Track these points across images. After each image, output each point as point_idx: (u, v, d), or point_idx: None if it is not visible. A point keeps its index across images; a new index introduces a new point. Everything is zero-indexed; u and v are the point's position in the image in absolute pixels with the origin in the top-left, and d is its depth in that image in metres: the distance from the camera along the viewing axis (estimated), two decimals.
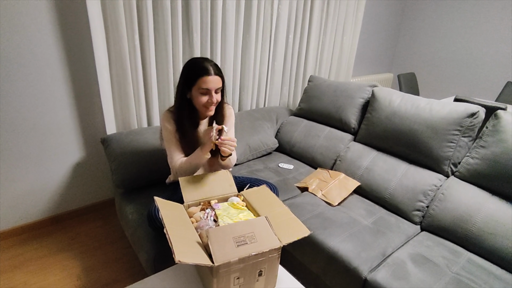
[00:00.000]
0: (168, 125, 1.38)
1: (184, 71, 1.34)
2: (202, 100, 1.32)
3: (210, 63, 1.30)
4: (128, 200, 1.61)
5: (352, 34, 3.08)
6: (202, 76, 1.27)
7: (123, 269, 1.68)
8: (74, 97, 1.80)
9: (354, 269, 1.24)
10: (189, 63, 1.34)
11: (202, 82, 1.28)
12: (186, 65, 1.34)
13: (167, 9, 1.79)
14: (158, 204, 1.04)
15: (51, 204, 1.94)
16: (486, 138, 1.46)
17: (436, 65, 3.84)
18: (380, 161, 1.75)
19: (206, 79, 1.27)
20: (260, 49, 2.38)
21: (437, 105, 1.61)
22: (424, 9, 3.78)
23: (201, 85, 1.28)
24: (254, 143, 2.11)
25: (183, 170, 1.34)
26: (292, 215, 1.08)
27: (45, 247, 1.79)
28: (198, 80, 1.28)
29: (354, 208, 1.60)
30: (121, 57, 1.74)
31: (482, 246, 1.31)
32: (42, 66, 1.65)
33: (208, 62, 1.31)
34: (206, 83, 1.28)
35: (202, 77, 1.27)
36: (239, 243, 0.91)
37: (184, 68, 1.34)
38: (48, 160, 1.83)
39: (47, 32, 1.61)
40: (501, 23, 3.24)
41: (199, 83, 1.28)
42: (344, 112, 2.03)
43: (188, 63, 1.34)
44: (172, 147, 1.39)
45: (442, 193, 1.50)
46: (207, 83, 1.28)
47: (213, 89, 1.30)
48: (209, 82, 1.28)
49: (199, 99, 1.32)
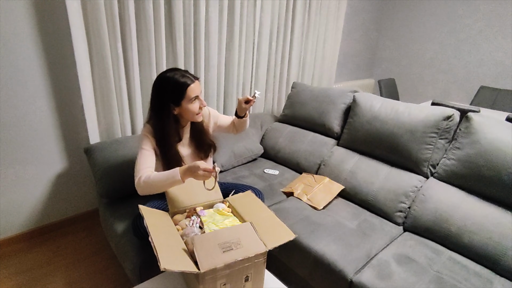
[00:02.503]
0: (149, 136, 1.32)
1: (166, 90, 1.27)
2: (195, 107, 1.32)
3: (184, 72, 1.30)
4: (113, 210, 1.58)
5: (334, 41, 3.15)
6: (188, 85, 1.27)
7: (109, 280, 1.64)
8: (56, 106, 1.77)
9: (340, 271, 1.26)
10: (167, 81, 1.27)
11: (190, 91, 1.28)
12: (162, 84, 1.28)
13: (149, 17, 1.79)
14: (143, 212, 1.03)
15: (32, 217, 1.88)
16: (460, 139, 1.53)
17: (414, 71, 3.97)
18: (363, 164, 1.79)
19: (192, 88, 1.28)
20: (243, 57, 2.41)
21: (415, 109, 1.67)
22: (402, 17, 3.92)
23: (190, 95, 1.28)
24: (239, 149, 2.12)
25: (149, 183, 1.20)
26: (277, 220, 1.09)
27: (25, 262, 1.73)
28: (187, 92, 1.27)
29: (339, 211, 1.63)
30: (103, 65, 1.72)
31: (461, 244, 1.35)
32: (23, 75, 1.62)
33: (180, 71, 1.29)
34: (194, 91, 1.29)
35: (188, 87, 1.27)
36: (224, 249, 0.91)
37: (161, 86, 1.28)
38: (29, 170, 1.78)
39: (27, 41, 1.59)
40: (476, 31, 3.39)
41: (188, 94, 1.28)
42: (327, 118, 2.07)
43: (166, 81, 1.27)
44: (143, 155, 1.29)
45: (423, 194, 1.54)
46: (195, 90, 1.29)
47: (199, 93, 1.32)
48: (195, 88, 1.29)
49: (192, 108, 1.31)
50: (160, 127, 1.32)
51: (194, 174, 1.13)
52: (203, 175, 1.12)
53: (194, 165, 1.13)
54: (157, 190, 1.20)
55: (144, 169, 1.25)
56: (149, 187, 1.20)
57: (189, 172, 1.14)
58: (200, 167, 1.11)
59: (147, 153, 1.30)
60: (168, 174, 1.17)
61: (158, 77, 1.30)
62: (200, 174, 1.11)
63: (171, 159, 1.35)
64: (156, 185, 1.18)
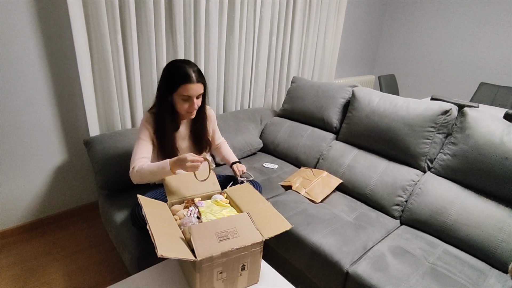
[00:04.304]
0: (147, 126, 1.35)
1: (165, 75, 1.29)
2: (183, 106, 1.31)
3: (193, 69, 1.27)
4: (112, 201, 1.60)
5: (334, 37, 3.15)
6: (185, 83, 1.25)
7: (107, 271, 1.66)
8: (56, 98, 1.78)
9: (336, 262, 1.27)
10: (171, 67, 1.29)
11: (184, 89, 1.25)
12: (167, 69, 1.29)
13: (150, 9, 1.79)
14: (141, 202, 1.04)
15: (32, 208, 1.90)
16: (455, 134, 1.53)
17: (414, 67, 3.97)
18: (361, 158, 1.80)
19: (188, 87, 1.25)
20: (243, 51, 2.41)
21: (413, 104, 1.67)
22: (404, 13, 3.91)
23: (182, 92, 1.26)
24: (239, 143, 2.13)
25: (141, 173, 1.24)
26: (274, 210, 1.10)
27: (25, 253, 1.75)
28: (180, 87, 1.25)
29: (337, 205, 1.64)
30: (103, 58, 1.73)
31: (457, 237, 1.37)
32: (22, 67, 1.62)
33: (191, 67, 1.27)
34: (188, 91, 1.26)
35: (184, 84, 1.25)
36: (221, 238, 0.92)
37: (166, 71, 1.30)
38: (28, 163, 1.79)
39: (27, 32, 1.59)
40: (476, 27, 3.38)
41: (181, 90, 1.26)
42: (326, 112, 2.08)
43: (170, 67, 1.29)
44: (140, 145, 1.32)
45: (420, 188, 1.55)
46: (189, 91, 1.26)
47: (194, 96, 1.28)
48: (191, 89, 1.26)
49: (180, 105, 1.31)
50: (157, 112, 1.35)
51: (182, 166, 1.16)
52: (191, 166, 1.14)
53: (182, 157, 1.16)
54: (149, 180, 1.26)
55: (138, 159, 1.28)
56: (141, 177, 1.25)
57: (178, 163, 1.18)
58: (188, 159, 1.14)
59: (143, 142, 1.33)
60: (159, 165, 1.21)
61: (170, 62, 1.32)
62: (188, 165, 1.14)
63: (166, 146, 1.37)
64: (148, 175, 1.23)
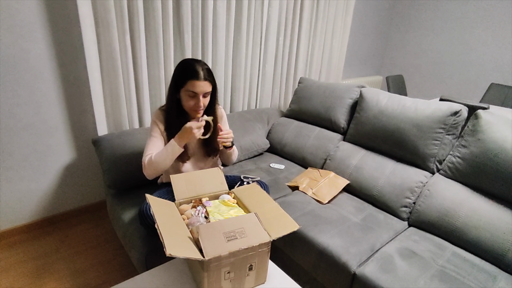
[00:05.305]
0: (158, 123, 1.39)
1: (176, 72, 1.34)
2: (189, 103, 1.33)
3: (202, 67, 1.30)
4: (120, 200, 1.61)
5: (341, 37, 3.14)
6: (191, 79, 1.27)
7: (115, 270, 1.67)
8: (65, 98, 1.80)
9: (344, 264, 1.27)
10: (181, 64, 1.34)
11: (190, 85, 1.28)
12: (178, 66, 1.34)
13: (158, 9, 1.80)
14: (150, 201, 1.05)
15: (41, 207, 1.92)
16: (466, 137, 1.51)
17: (423, 68, 3.93)
18: (368, 159, 1.78)
19: (194, 83, 1.28)
20: (251, 51, 2.41)
21: (422, 104, 1.66)
22: (412, 13, 3.88)
23: (189, 88, 1.29)
24: (246, 143, 2.13)
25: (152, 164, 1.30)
26: (282, 211, 1.10)
27: (34, 251, 1.78)
28: (187, 83, 1.28)
29: (344, 206, 1.63)
30: (112, 57, 1.75)
31: (466, 239, 1.35)
32: (33, 67, 1.65)
33: (200, 65, 1.30)
34: (194, 87, 1.28)
35: (191, 80, 1.27)
36: (229, 238, 0.92)
37: (177, 68, 1.35)
38: (38, 162, 1.82)
39: (37, 32, 1.61)
40: (486, 27, 3.34)
41: (187, 86, 1.29)
42: (333, 113, 2.07)
43: (181, 63, 1.34)
44: (150, 142, 1.37)
45: (428, 189, 1.54)
46: (195, 87, 1.28)
47: (200, 93, 1.30)
48: (197, 86, 1.28)
49: (186, 102, 1.33)
50: (167, 108, 1.40)
51: (190, 135, 1.25)
52: (199, 131, 1.27)
53: (186, 128, 1.26)
54: (163, 167, 1.31)
55: (148, 155, 1.34)
56: (154, 167, 1.30)
57: (183, 136, 1.27)
58: (193, 127, 1.25)
59: (154, 139, 1.38)
60: (166, 147, 1.29)
61: (182, 60, 1.37)
62: (196, 132, 1.25)
63: None
64: (160, 162, 1.30)
